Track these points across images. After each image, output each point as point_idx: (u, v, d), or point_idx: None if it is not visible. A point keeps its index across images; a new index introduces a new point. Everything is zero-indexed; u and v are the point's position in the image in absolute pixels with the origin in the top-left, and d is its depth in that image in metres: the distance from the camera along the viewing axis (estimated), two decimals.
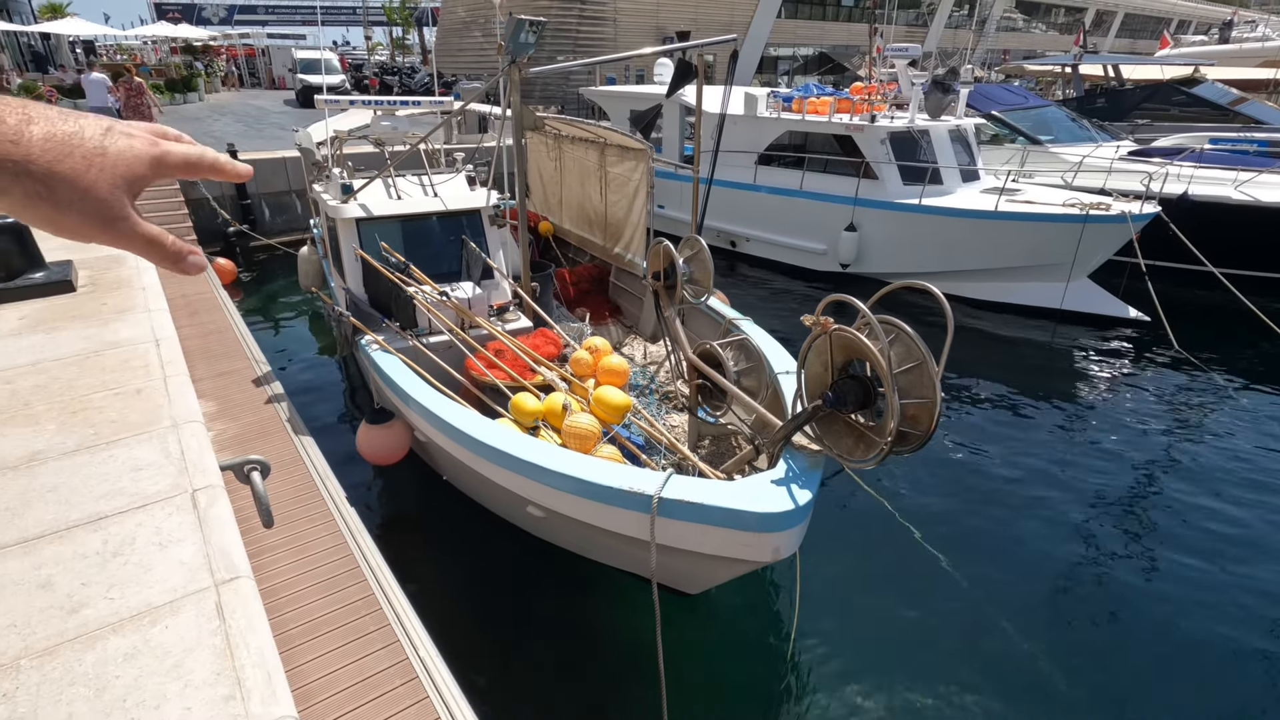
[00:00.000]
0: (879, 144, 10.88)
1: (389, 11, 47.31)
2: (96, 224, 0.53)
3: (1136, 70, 21.14)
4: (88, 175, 0.51)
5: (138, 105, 15.32)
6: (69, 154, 0.50)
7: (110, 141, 0.53)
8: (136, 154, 0.54)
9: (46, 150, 0.49)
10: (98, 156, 0.52)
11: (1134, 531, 5.76)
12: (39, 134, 0.49)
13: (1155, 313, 9.36)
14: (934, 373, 2.52)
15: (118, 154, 0.53)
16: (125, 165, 0.53)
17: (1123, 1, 48.29)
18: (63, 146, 0.50)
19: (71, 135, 0.51)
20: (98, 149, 0.52)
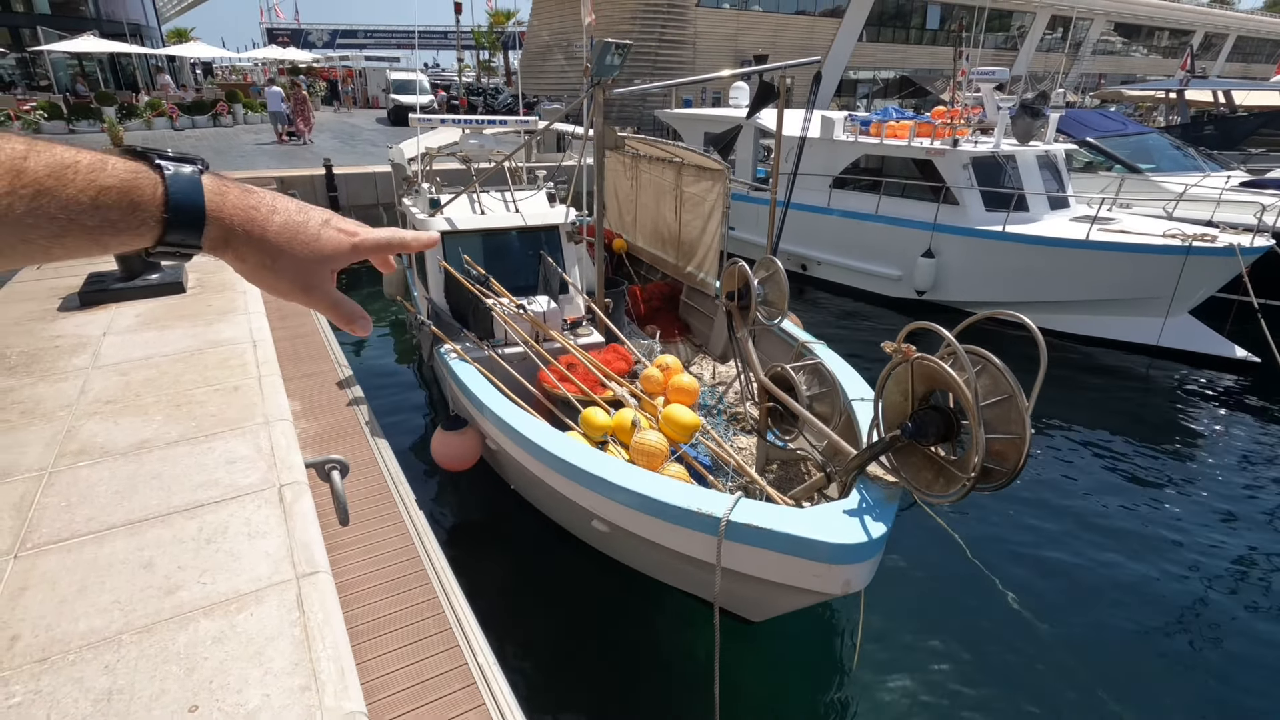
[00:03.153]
0: (961, 169, 10.55)
1: (478, 35, 49.39)
2: (298, 290, 0.68)
3: (1250, 96, 19.83)
4: (302, 255, 0.66)
5: (304, 111, 20.08)
6: (294, 238, 0.65)
7: (324, 232, 0.68)
8: (339, 242, 0.69)
9: (280, 234, 0.64)
10: (313, 242, 0.67)
11: (1234, 598, 5.29)
12: (278, 222, 0.64)
13: (1268, 354, 8.64)
14: (1024, 407, 2.39)
15: (326, 240, 0.68)
16: (330, 249, 0.68)
17: (1234, 23, 45.43)
18: (292, 233, 0.65)
19: (300, 225, 0.66)
20: (314, 236, 0.67)
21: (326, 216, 0.69)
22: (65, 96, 22.27)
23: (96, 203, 0.53)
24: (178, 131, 21.54)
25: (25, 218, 0.50)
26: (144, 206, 0.56)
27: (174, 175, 0.59)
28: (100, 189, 0.54)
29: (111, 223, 0.55)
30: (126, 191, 0.55)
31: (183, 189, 0.58)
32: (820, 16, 32.63)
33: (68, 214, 0.52)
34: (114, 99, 22.10)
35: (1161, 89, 21.06)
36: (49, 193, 0.51)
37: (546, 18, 34.64)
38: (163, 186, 0.58)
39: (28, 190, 0.50)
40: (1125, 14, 41.03)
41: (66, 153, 0.53)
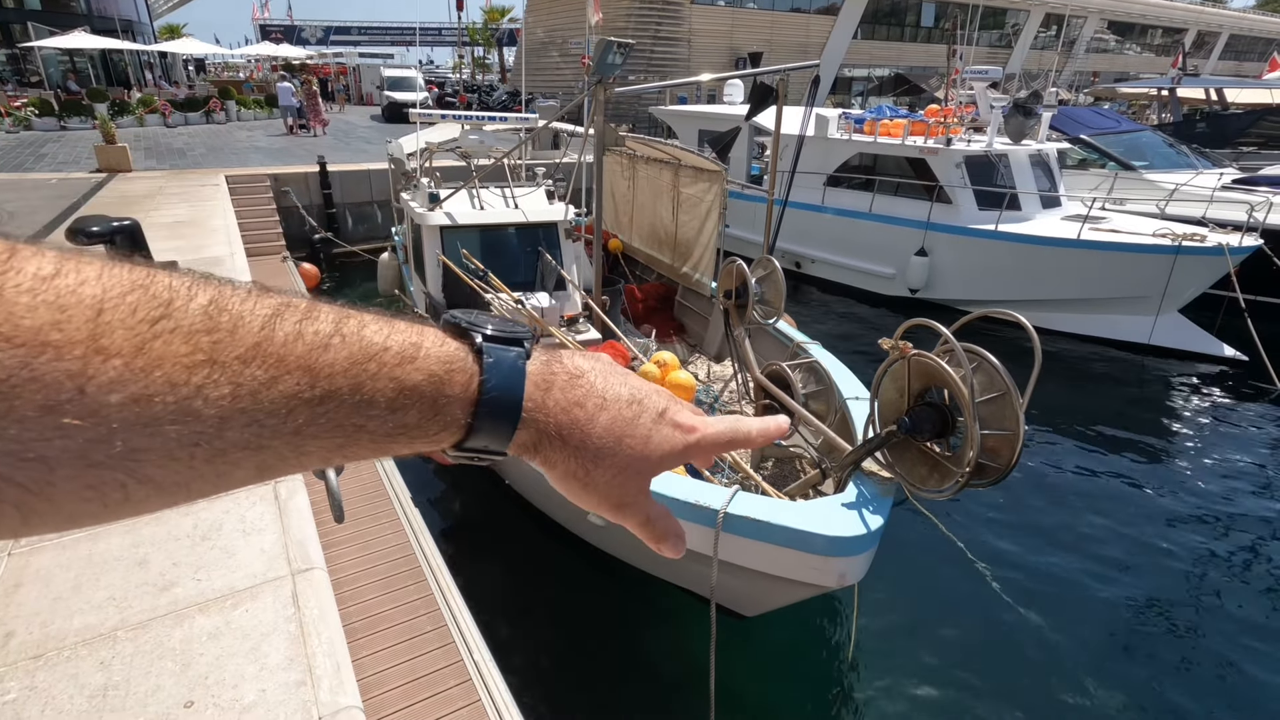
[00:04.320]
0: (954, 167, 10.58)
1: (472, 32, 49.22)
2: (609, 507, 0.54)
3: (1241, 94, 19.94)
4: (625, 464, 0.51)
5: (314, 106, 20.60)
6: (619, 441, 0.50)
7: (656, 432, 0.53)
8: (674, 445, 0.53)
9: (604, 437, 0.50)
10: (642, 446, 0.52)
11: (1225, 591, 5.34)
12: (604, 422, 0.50)
13: (1255, 352, 8.71)
14: (1018, 404, 2.42)
15: (659, 443, 0.53)
16: (660, 454, 0.53)
17: (1227, 22, 45.65)
18: (619, 435, 0.50)
19: (629, 423, 0.51)
20: (644, 439, 0.52)
21: (662, 408, 0.54)
22: (57, 93, 22.11)
23: (394, 405, 0.41)
24: (170, 129, 21.41)
25: (305, 428, 0.38)
26: (449, 408, 0.44)
27: (493, 364, 0.46)
28: (404, 388, 0.42)
29: (406, 428, 0.43)
30: (435, 389, 0.43)
31: (501, 384, 0.46)
32: (815, 14, 32.65)
33: (357, 421, 0.40)
34: (106, 95, 21.96)
35: (1154, 87, 21.14)
36: (339, 397, 0.39)
37: (541, 15, 34.56)
38: (478, 380, 0.45)
39: (318, 394, 0.38)
40: (1119, 12, 41.17)
41: (375, 334, 0.41)
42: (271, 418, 0.36)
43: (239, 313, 0.36)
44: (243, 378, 0.35)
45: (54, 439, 0.30)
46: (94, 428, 0.31)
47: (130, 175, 12.91)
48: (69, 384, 0.30)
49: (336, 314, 0.41)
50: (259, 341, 0.36)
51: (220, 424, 0.35)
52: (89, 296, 0.32)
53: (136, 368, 0.32)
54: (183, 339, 0.34)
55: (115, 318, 0.32)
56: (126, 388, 0.32)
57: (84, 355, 0.31)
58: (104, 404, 0.31)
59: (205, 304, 0.35)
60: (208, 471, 0.36)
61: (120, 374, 0.32)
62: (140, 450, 0.33)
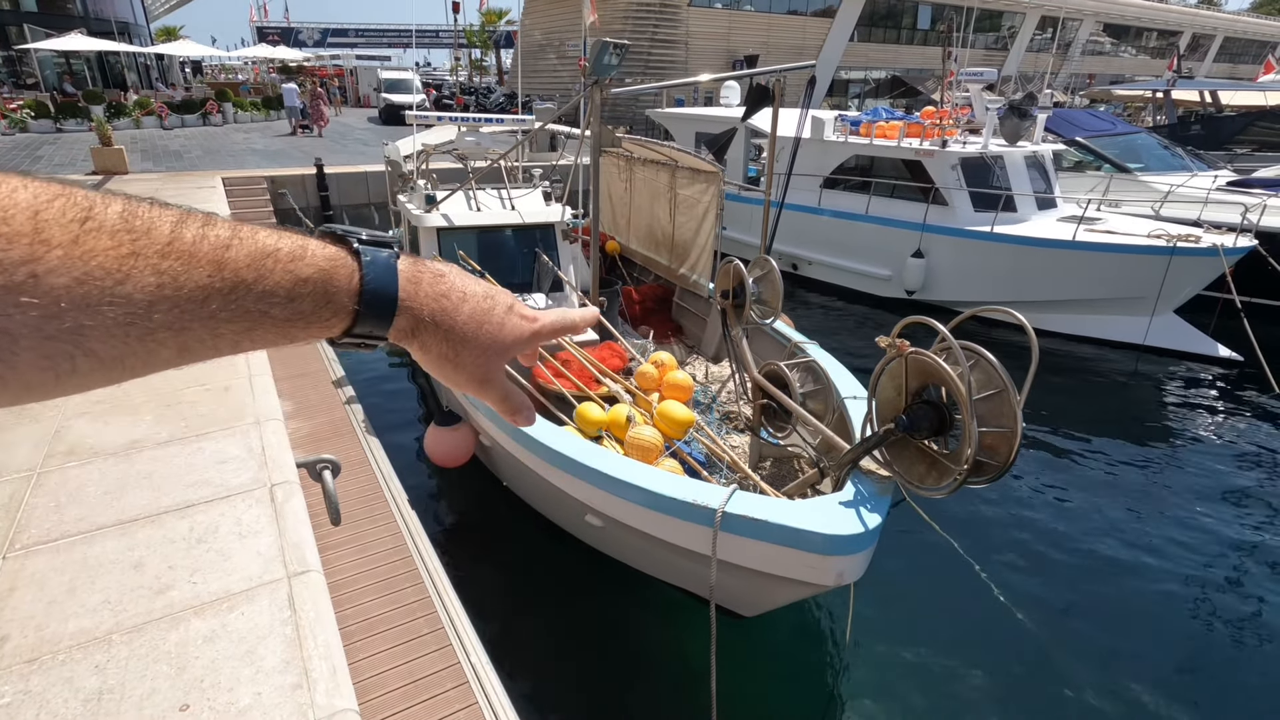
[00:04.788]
0: (950, 169, 10.61)
1: (469, 34, 49.24)
2: (475, 382, 0.63)
3: (1236, 96, 20.04)
4: (486, 345, 0.61)
5: (318, 106, 21.19)
6: (480, 327, 0.60)
7: (508, 320, 0.63)
8: (521, 330, 0.64)
9: (468, 324, 0.59)
10: (498, 331, 0.62)
11: (1222, 591, 5.35)
12: (467, 311, 0.59)
13: (1251, 352, 8.74)
14: (1015, 401, 2.42)
15: (510, 328, 0.63)
16: (513, 338, 0.63)
17: (1222, 24, 45.86)
18: (479, 322, 0.60)
19: (486, 313, 0.61)
20: (499, 325, 0.62)
21: (510, 302, 0.64)
22: (53, 95, 22.07)
23: (291, 294, 0.49)
24: (166, 130, 21.38)
25: (219, 312, 0.45)
26: (337, 297, 0.52)
27: (370, 262, 0.53)
28: (297, 280, 0.49)
29: (303, 314, 0.50)
30: (323, 282, 0.50)
31: (379, 277, 0.53)
32: (812, 16, 32.73)
33: (261, 307, 0.47)
34: (102, 97, 21.91)
35: (1149, 89, 21.23)
36: (246, 286, 0.46)
37: (538, 17, 34.59)
38: (359, 275, 0.52)
39: (226, 283, 0.44)
40: (1114, 15, 41.34)
41: (267, 239, 0.48)
42: (190, 303, 0.43)
43: (150, 218, 0.42)
44: (162, 268, 0.41)
45: (14, 314, 0.36)
46: (47, 305, 0.36)
47: (127, 177, 12.88)
48: (22, 268, 0.36)
49: (229, 224, 0.47)
50: (171, 240, 0.42)
51: (148, 307, 0.41)
52: (23, 200, 0.37)
53: (75, 256, 0.38)
54: (108, 235, 0.39)
55: (50, 216, 0.37)
56: (70, 272, 0.37)
57: (30, 244, 0.36)
58: (53, 285, 0.37)
59: (120, 210, 0.41)
60: (139, 349, 0.42)
61: (62, 261, 0.37)
62: (85, 327, 0.38)
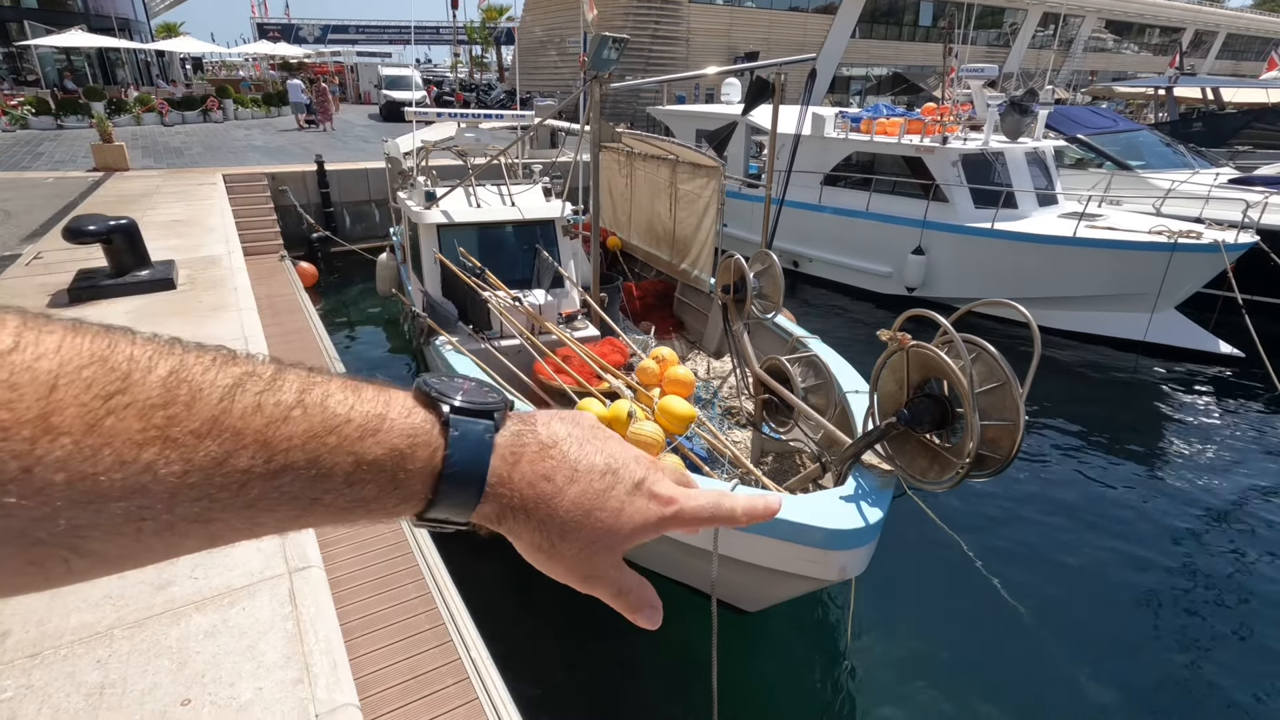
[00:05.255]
0: (950, 166, 10.58)
1: (470, 31, 49.15)
2: (577, 579, 0.51)
3: (1238, 93, 20.00)
4: (594, 537, 0.49)
5: (324, 103, 21.42)
6: (589, 514, 0.48)
7: (630, 504, 0.50)
8: (648, 518, 0.51)
9: (572, 511, 0.48)
10: (614, 519, 0.49)
11: (1223, 587, 5.35)
12: (573, 495, 0.48)
13: (1252, 349, 8.72)
14: (1018, 394, 2.42)
15: (631, 515, 0.50)
16: (633, 526, 0.50)
17: (1225, 21, 45.72)
18: (588, 508, 0.48)
19: (599, 495, 0.49)
20: (616, 512, 0.49)
21: (640, 477, 0.51)
22: (53, 91, 22.05)
23: (351, 479, 0.40)
24: (167, 127, 21.36)
25: (259, 500, 0.37)
26: (409, 482, 0.43)
27: (459, 438, 0.44)
28: (362, 463, 0.40)
29: (363, 501, 0.41)
30: (395, 464, 0.42)
31: (465, 461, 0.44)
32: (813, 12, 32.66)
33: (312, 494, 0.39)
34: (103, 94, 21.90)
35: (1151, 86, 21.18)
36: (294, 470, 0.38)
37: (539, 14, 34.53)
38: (441, 454, 0.44)
39: (272, 469, 0.37)
40: (1117, 11, 41.22)
41: (338, 407, 0.40)
42: (224, 492, 0.36)
43: (199, 384, 0.36)
44: (196, 453, 0.35)
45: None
46: (37, 507, 0.31)
47: (127, 174, 12.87)
48: (14, 464, 0.30)
49: (301, 383, 0.40)
50: (216, 415, 0.36)
51: (170, 499, 0.34)
52: (44, 372, 0.31)
53: (86, 446, 0.32)
54: (137, 414, 0.33)
55: (69, 394, 0.32)
56: (73, 467, 0.31)
57: (32, 436, 0.30)
58: (49, 483, 0.31)
59: (165, 375, 0.35)
60: (156, 544, 0.35)
61: (68, 453, 0.31)
62: (85, 527, 0.32)
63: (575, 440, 0.50)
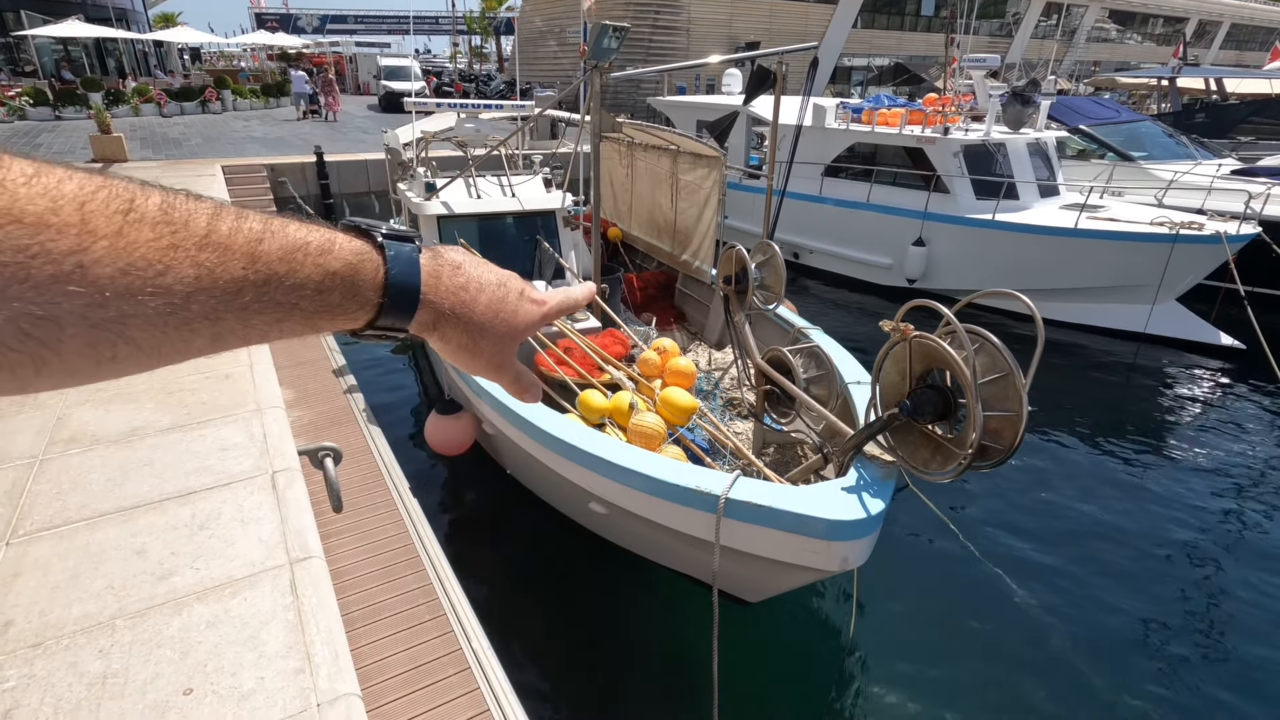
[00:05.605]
0: (951, 157, 10.54)
1: (469, 21, 48.87)
2: (491, 368, 0.66)
3: (1241, 84, 19.88)
4: (502, 332, 0.63)
5: (330, 92, 22.43)
6: (495, 315, 0.62)
7: (521, 306, 0.65)
8: (531, 315, 0.66)
9: (485, 313, 0.61)
10: (512, 318, 0.64)
11: (1225, 580, 5.36)
12: (484, 301, 0.61)
13: (1254, 341, 8.70)
14: (1020, 385, 2.41)
15: (522, 314, 0.65)
16: (525, 322, 0.66)
17: (1229, 11, 45.38)
18: (494, 310, 0.62)
19: (500, 301, 0.63)
20: (512, 312, 0.64)
21: (521, 287, 0.66)
22: (51, 82, 21.94)
23: (320, 287, 0.50)
24: (166, 118, 21.27)
25: (252, 304, 0.45)
26: (363, 291, 0.53)
27: (394, 256, 0.54)
28: (326, 273, 0.50)
29: (330, 307, 0.51)
30: (350, 275, 0.51)
31: (402, 272, 0.55)
32: (815, 2, 32.43)
33: (291, 299, 0.48)
34: (100, 85, 21.80)
35: (1154, 77, 21.06)
36: (278, 279, 0.47)
37: (539, 4, 34.29)
38: (383, 269, 0.54)
39: (259, 275, 0.45)
40: (1120, 1, 40.94)
41: (297, 232, 0.49)
42: (225, 294, 0.43)
43: (187, 210, 0.43)
44: (200, 260, 0.42)
45: (62, 302, 0.36)
46: (92, 294, 0.37)
47: (126, 165, 12.83)
48: (70, 258, 0.36)
49: (262, 216, 0.48)
50: (208, 232, 0.43)
51: (187, 298, 0.41)
52: (70, 191, 0.37)
53: (119, 247, 0.38)
54: (149, 227, 0.40)
55: (95, 207, 0.38)
56: (114, 263, 0.38)
57: (79, 235, 0.37)
58: (99, 275, 0.37)
59: (159, 203, 0.41)
60: (175, 338, 0.42)
61: (107, 252, 0.38)
62: (128, 315, 0.39)
63: (472, 263, 0.62)
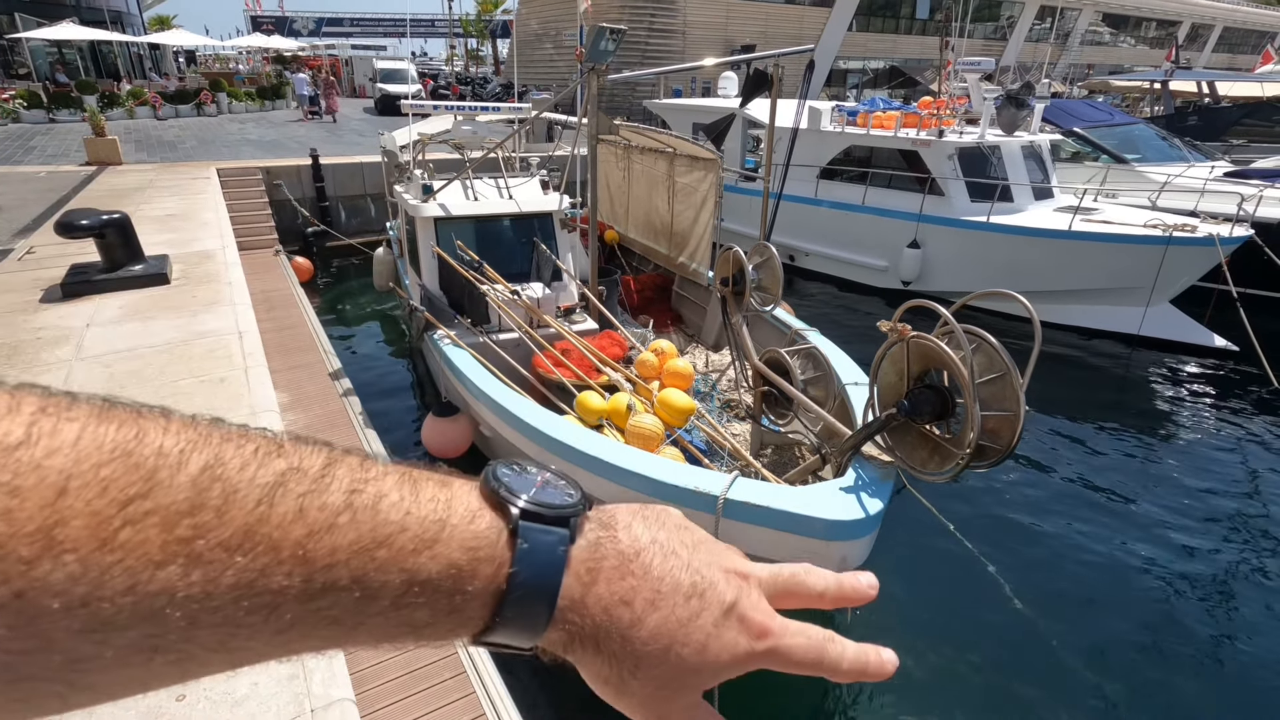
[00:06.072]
0: (946, 159, 10.57)
1: (465, 24, 48.92)
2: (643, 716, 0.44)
3: (1234, 87, 19.99)
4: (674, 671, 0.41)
5: (330, 94, 22.30)
6: (667, 649, 0.41)
7: (720, 634, 0.42)
8: (735, 653, 0.43)
9: (652, 640, 0.41)
10: (699, 651, 0.42)
11: (1207, 580, 5.37)
12: (653, 623, 0.41)
13: (1247, 343, 8.73)
14: (1018, 385, 2.41)
15: (718, 651, 0.42)
16: (717, 666, 0.43)
17: (1221, 14, 45.70)
18: (670, 637, 0.41)
19: (684, 624, 0.41)
20: (702, 643, 0.42)
21: (730, 600, 0.43)
22: (45, 85, 21.87)
23: (401, 602, 0.35)
24: (161, 121, 21.22)
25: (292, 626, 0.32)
26: (465, 606, 0.37)
27: (528, 552, 0.38)
28: (414, 582, 0.35)
29: (412, 627, 0.36)
30: (452, 583, 0.36)
31: (534, 582, 0.38)
32: (810, 5, 32.56)
33: (354, 620, 0.34)
34: (95, 87, 21.72)
35: (1147, 80, 21.20)
36: (335, 591, 0.32)
37: (535, 6, 34.35)
38: (506, 572, 0.38)
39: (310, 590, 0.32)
40: (1113, 4, 41.18)
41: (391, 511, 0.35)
42: (252, 616, 0.30)
43: (234, 484, 0.31)
44: (224, 571, 0.30)
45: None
46: (28, 640, 0.26)
47: (120, 168, 12.78)
48: (3, 589, 0.25)
49: (352, 479, 0.35)
50: (251, 524, 0.31)
51: (189, 626, 0.29)
52: (54, 471, 0.27)
53: (93, 566, 0.27)
54: (158, 524, 0.28)
55: (80, 501, 0.27)
56: (75, 589, 0.26)
57: (31, 555, 0.26)
58: (43, 611, 0.26)
59: (196, 473, 0.30)
60: (169, 673, 0.30)
61: (70, 574, 0.26)
62: (84, 660, 0.27)
63: (659, 549, 0.43)
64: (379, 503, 0.35)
